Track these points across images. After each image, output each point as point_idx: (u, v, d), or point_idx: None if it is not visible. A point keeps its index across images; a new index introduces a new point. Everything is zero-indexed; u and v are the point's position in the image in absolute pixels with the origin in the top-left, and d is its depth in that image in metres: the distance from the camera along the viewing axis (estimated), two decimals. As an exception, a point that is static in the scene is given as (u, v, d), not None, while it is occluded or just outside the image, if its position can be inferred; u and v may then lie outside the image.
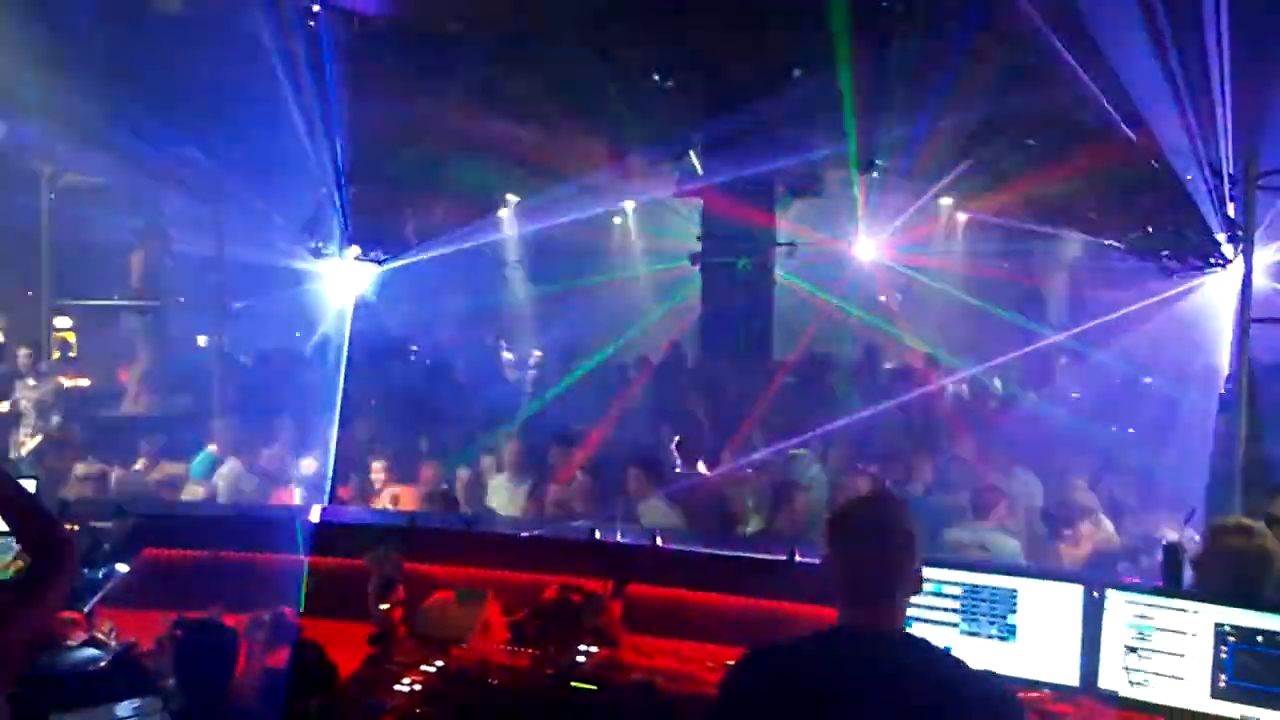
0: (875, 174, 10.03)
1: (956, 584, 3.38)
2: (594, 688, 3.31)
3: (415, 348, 12.31)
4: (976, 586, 3.36)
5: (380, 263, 11.16)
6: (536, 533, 4.30)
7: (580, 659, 3.55)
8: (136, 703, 3.15)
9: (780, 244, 10.29)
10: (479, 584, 3.95)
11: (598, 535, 4.18)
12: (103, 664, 3.40)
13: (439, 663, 3.51)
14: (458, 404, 9.87)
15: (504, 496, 6.76)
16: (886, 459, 7.10)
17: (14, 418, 8.72)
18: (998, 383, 9.51)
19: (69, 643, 3.50)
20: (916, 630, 3.04)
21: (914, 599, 2.24)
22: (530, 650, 3.64)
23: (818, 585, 3.59)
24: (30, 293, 11.32)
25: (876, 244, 13.07)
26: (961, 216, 14.09)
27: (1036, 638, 3.26)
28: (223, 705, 3.17)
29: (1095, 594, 3.23)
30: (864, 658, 2.12)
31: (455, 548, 4.17)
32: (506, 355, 13.63)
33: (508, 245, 13.78)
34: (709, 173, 9.56)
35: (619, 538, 4.23)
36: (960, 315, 12.81)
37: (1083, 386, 8.99)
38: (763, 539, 5.33)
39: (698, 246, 10.54)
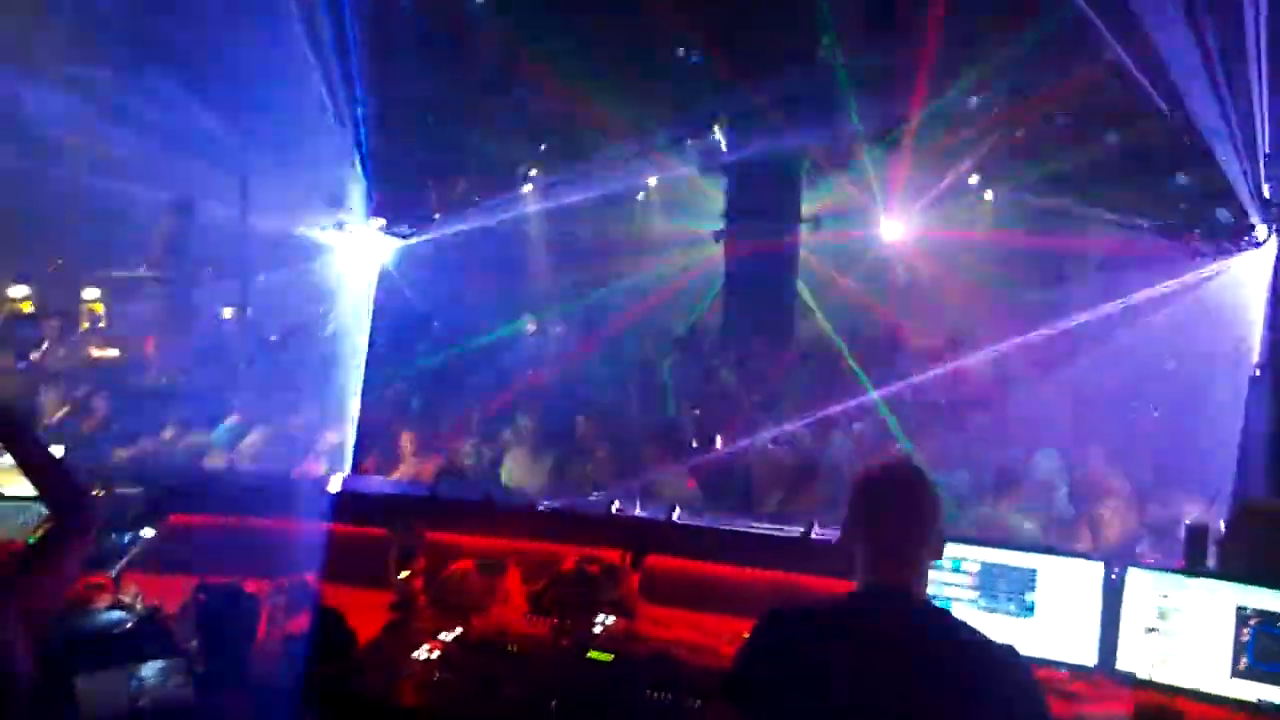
0: (900, 149, 9.92)
1: (975, 561, 3.36)
2: (610, 657, 3.33)
3: (437, 323, 12.35)
4: (995, 564, 3.35)
5: (405, 236, 11.19)
6: (555, 505, 4.32)
7: (597, 629, 3.57)
8: (160, 664, 3.19)
9: (805, 220, 10.21)
10: (498, 554, 3.98)
11: (616, 508, 4.19)
12: (128, 626, 3.44)
13: (458, 630, 3.54)
14: (479, 377, 9.91)
15: (523, 470, 6.79)
16: (909, 438, 7.07)
17: (44, 386, 8.82)
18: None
19: (95, 606, 3.55)
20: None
21: (934, 574, 2.26)
22: (548, 620, 3.66)
23: (834, 559, 3.63)
24: (59, 263, 11.42)
25: (902, 222, 12.96)
26: (989, 194, 13.94)
27: (1055, 616, 3.24)
28: (244, 669, 3.22)
29: (1115, 573, 3.20)
30: (884, 618, 2.14)
31: (475, 518, 4.19)
32: (529, 328, 13.63)
33: (531, 220, 13.76)
34: (733, 148, 9.49)
35: (637, 510, 4.24)
36: (984, 295, 12.69)
37: (1107, 368, 8.88)
38: (781, 515, 5.33)
39: (721, 223, 10.51)
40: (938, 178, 12.02)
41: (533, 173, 12.69)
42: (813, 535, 3.85)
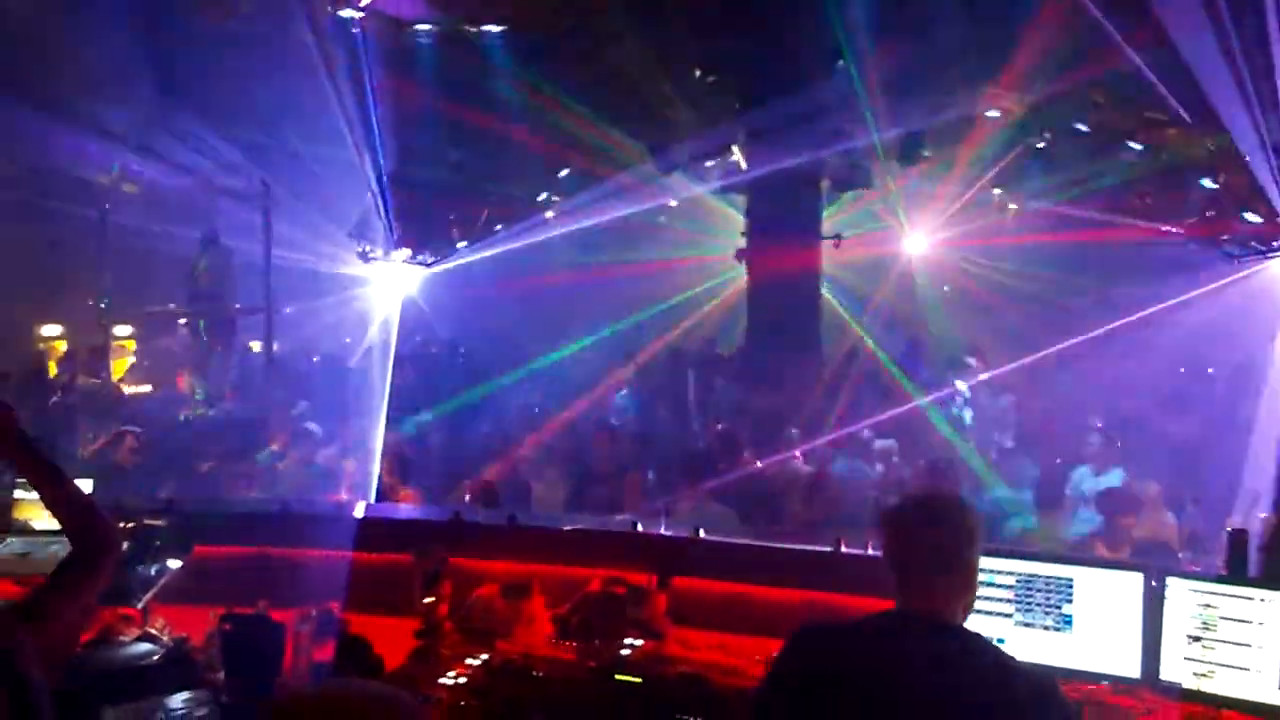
0: (921, 164, 9.87)
1: (1010, 573, 3.28)
2: (639, 680, 3.28)
3: (463, 350, 12.41)
4: (1031, 576, 3.26)
5: (428, 265, 11.27)
6: (580, 527, 4.28)
7: (625, 652, 3.52)
8: (188, 696, 3.19)
9: (826, 237, 10.16)
10: (523, 578, 3.94)
11: (640, 529, 4.14)
12: (155, 658, 3.44)
13: (484, 656, 3.50)
14: (500, 403, 9.93)
15: (549, 492, 6.77)
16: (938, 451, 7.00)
17: (76, 420, 8.94)
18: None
19: (123, 638, 3.56)
20: (972, 621, 2.99)
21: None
22: (575, 643, 3.62)
23: (864, 577, 3.56)
24: (90, 302, 11.59)
25: (924, 237, 12.88)
26: (1012, 207, 13.83)
27: (1094, 628, 3.15)
28: (270, 698, 3.19)
29: (1156, 582, 3.11)
30: (912, 641, 2.13)
31: (499, 542, 4.17)
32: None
33: (553, 246, 13.81)
34: (753, 167, 9.48)
35: (663, 531, 4.20)
36: (1010, 306, 12.58)
37: (1141, 374, 8.75)
38: (805, 531, 5.27)
39: (742, 242, 10.48)
40: (960, 189, 11.95)
41: (554, 199, 12.76)
42: (842, 551, 3.78)
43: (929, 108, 8.89)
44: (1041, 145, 10.64)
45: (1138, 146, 9.71)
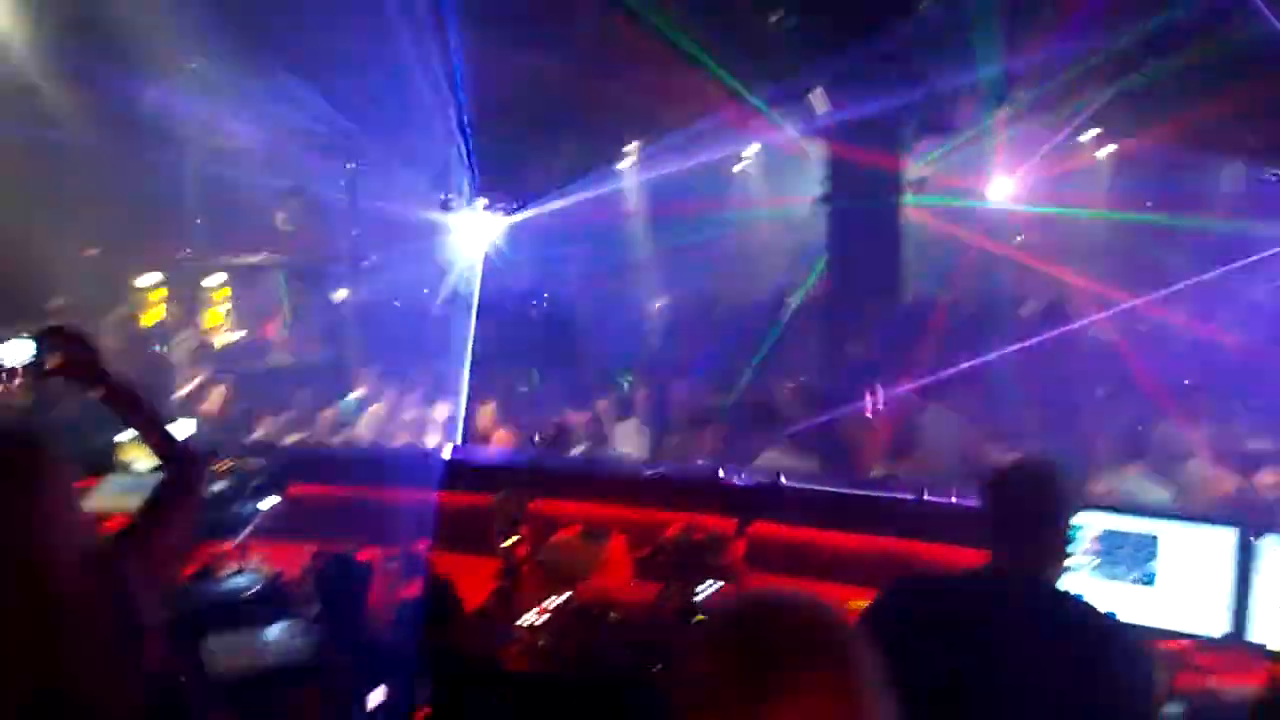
0: (1012, 106, 9.51)
1: (1094, 527, 3.22)
2: (716, 624, 3.32)
3: (545, 295, 12.51)
4: (1116, 531, 3.20)
5: (508, 213, 11.36)
6: (659, 472, 4.32)
7: (703, 596, 3.57)
8: (283, 627, 3.35)
9: (909, 183, 9.90)
10: (602, 522, 4.01)
11: (720, 475, 4.17)
12: (253, 592, 3.62)
13: (563, 597, 3.59)
14: (583, 350, 10.02)
15: (627, 440, 6.83)
16: (1026, 405, 6.83)
17: (171, 368, 9.31)
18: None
19: (222, 572, 3.75)
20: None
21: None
22: (653, 586, 3.68)
23: (948, 527, 3.53)
24: (183, 252, 11.98)
25: (1013, 182, 12.47)
26: (1107, 149, 13.30)
27: (1180, 585, 3.08)
28: (359, 632, 3.33)
29: (1249, 539, 3.02)
30: (1007, 599, 2.17)
31: (579, 487, 4.23)
32: (633, 302, 13.67)
33: (631, 192, 13.78)
34: (833, 111, 9.25)
35: (742, 477, 4.21)
36: (1100, 255, 12.15)
37: (1236, 328, 8.39)
38: (889, 481, 5.23)
39: (822, 189, 10.29)
40: (1051, 133, 11.51)
41: (632, 145, 12.68)
42: (925, 499, 3.74)
43: (1020, 45, 8.54)
44: (1141, 83, 10.15)
45: (1242, 84, 9.19)
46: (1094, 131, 12.58)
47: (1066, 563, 3.00)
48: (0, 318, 7.29)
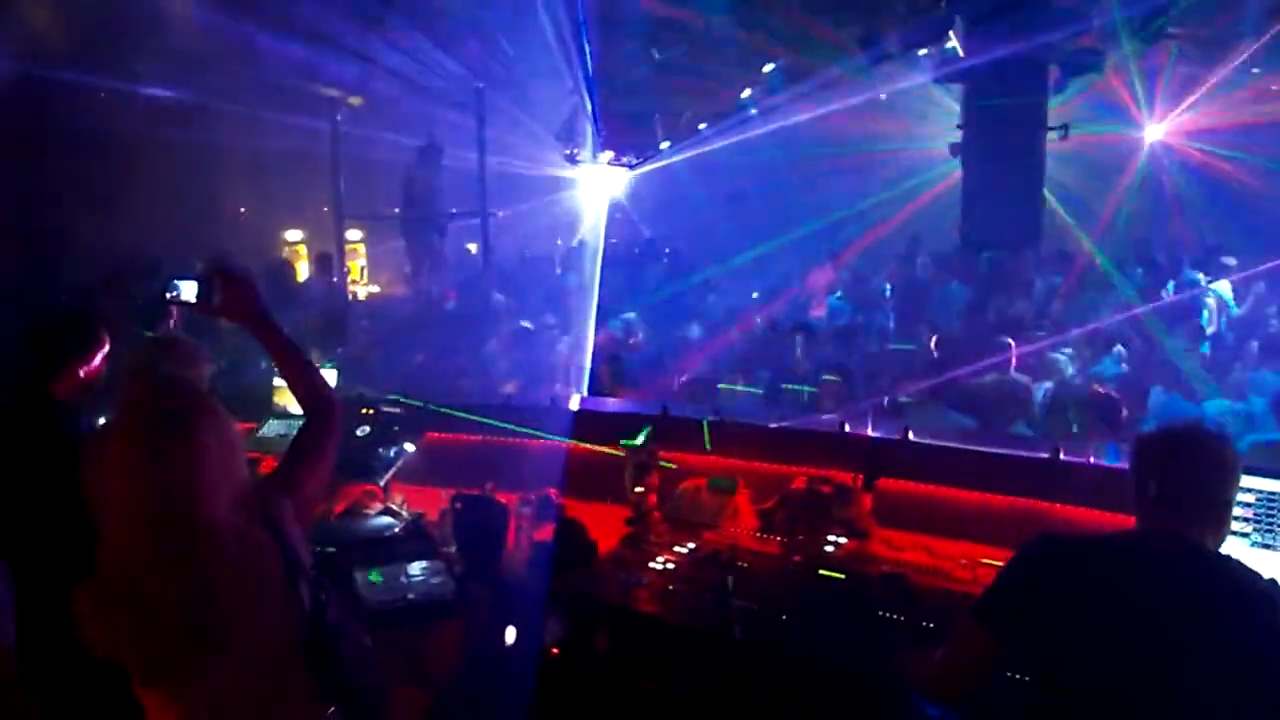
0: (1163, 40, 8.88)
1: (1251, 491, 3.06)
2: (842, 576, 3.33)
3: (666, 250, 12.54)
4: (1273, 494, 3.03)
5: (631, 167, 11.39)
6: (787, 425, 4.30)
7: (829, 549, 3.57)
8: (424, 564, 3.53)
9: (1052, 128, 9.44)
10: (729, 473, 4.05)
11: (848, 429, 4.13)
12: (396, 530, 3.82)
13: (690, 545, 3.65)
14: (703, 302, 10.01)
15: (758, 393, 6.82)
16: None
17: (317, 318, 9.74)
18: None
19: (368, 511, 3.97)
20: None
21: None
22: (779, 538, 3.71)
23: (1082, 487, 3.42)
24: (324, 208, 12.49)
25: (1166, 124, 11.73)
26: (1275, 88, 12.32)
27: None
28: (497, 571, 3.48)
29: None
30: (1164, 563, 2.09)
31: (707, 437, 4.26)
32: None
33: (758, 143, 13.55)
34: (971, 54, 8.86)
35: (870, 431, 4.16)
36: (1263, 200, 11.32)
37: None
38: (1026, 439, 5.08)
39: (957, 136, 9.93)
40: (1209, 70, 10.73)
41: (759, 96, 12.45)
42: (1061, 459, 3.63)
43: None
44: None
45: None
46: (1257, 70, 11.66)
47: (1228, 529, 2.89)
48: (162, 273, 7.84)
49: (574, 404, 5.09)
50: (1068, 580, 2.11)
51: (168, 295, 2.59)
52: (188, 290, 2.55)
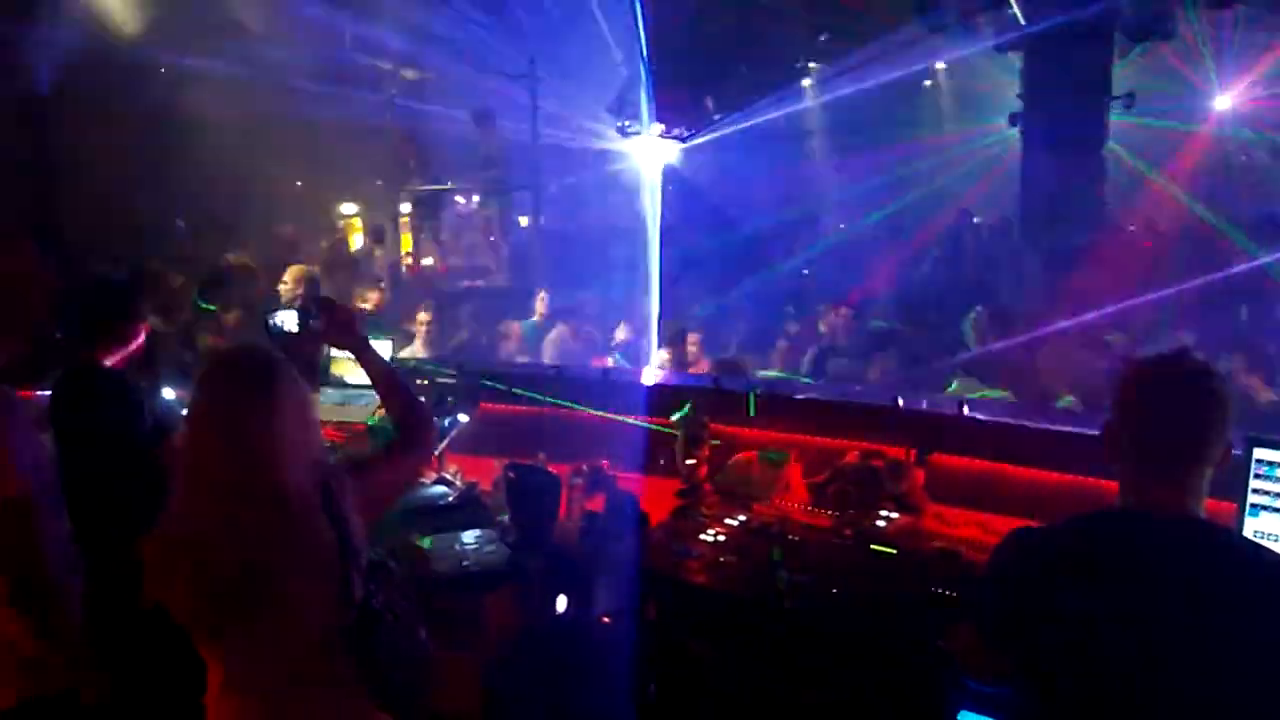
0: (1235, 6, 8.56)
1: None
2: (894, 551, 3.32)
3: (720, 224, 12.45)
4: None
5: (683, 140, 11.31)
6: (839, 398, 4.28)
7: (880, 524, 3.56)
8: (479, 533, 3.59)
9: (1115, 97, 9.15)
10: (781, 446, 4.04)
11: (901, 403, 4.09)
12: (451, 499, 3.88)
13: (741, 517, 3.66)
14: (766, 276, 9.95)
15: (809, 365, 6.81)
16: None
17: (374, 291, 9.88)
18: None
19: (424, 480, 4.03)
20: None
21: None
22: (830, 511, 3.70)
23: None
24: (379, 182, 12.62)
25: (1237, 95, 11.34)
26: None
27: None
28: (549, 540, 3.52)
29: None
30: (1161, 548, 1.82)
31: (758, 410, 4.25)
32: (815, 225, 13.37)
33: (810, 115, 13.40)
34: (1033, 20, 8.61)
35: (923, 405, 4.12)
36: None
37: None
38: (1078, 415, 4.98)
39: (1017, 105, 9.67)
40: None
41: (812, 66, 12.28)
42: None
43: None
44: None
45: None
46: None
47: (1250, 501, 2.77)
48: (235, 242, 8.02)
49: (627, 376, 5.12)
50: (1035, 581, 1.89)
51: (269, 328, 2.73)
52: (289, 321, 2.70)
